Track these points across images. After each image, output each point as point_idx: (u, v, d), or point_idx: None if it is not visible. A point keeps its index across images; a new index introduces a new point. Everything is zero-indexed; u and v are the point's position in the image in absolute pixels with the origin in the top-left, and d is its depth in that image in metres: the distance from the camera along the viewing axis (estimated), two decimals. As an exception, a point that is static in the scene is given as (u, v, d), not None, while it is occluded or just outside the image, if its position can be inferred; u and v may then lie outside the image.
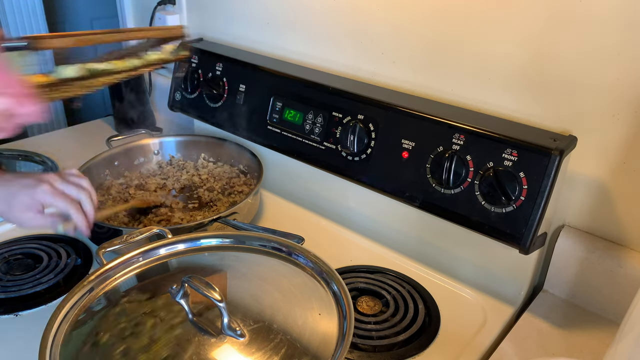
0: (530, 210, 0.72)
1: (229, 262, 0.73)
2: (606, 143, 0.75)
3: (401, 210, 0.89)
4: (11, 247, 0.92)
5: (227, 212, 0.90)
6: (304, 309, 0.64)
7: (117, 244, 0.74)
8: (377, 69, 0.96)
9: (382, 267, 0.90)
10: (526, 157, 0.72)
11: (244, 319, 0.61)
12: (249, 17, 1.14)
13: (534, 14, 0.75)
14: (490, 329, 0.78)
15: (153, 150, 1.14)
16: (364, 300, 0.81)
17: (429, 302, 0.82)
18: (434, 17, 0.86)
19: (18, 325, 0.78)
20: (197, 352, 0.57)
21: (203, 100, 1.13)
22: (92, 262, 0.90)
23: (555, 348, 0.75)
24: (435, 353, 0.74)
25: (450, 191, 0.79)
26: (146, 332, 0.62)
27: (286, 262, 0.72)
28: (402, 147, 0.84)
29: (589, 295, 0.80)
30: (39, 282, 0.84)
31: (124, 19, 1.45)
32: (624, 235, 0.78)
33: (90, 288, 0.66)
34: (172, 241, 0.74)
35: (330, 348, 0.57)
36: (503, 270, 0.83)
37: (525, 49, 0.78)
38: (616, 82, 0.71)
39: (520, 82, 0.80)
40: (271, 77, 1.02)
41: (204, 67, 1.12)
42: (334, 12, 0.99)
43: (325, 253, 0.71)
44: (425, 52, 0.89)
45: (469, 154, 0.77)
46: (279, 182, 1.10)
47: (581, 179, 0.79)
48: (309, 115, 0.96)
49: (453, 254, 0.88)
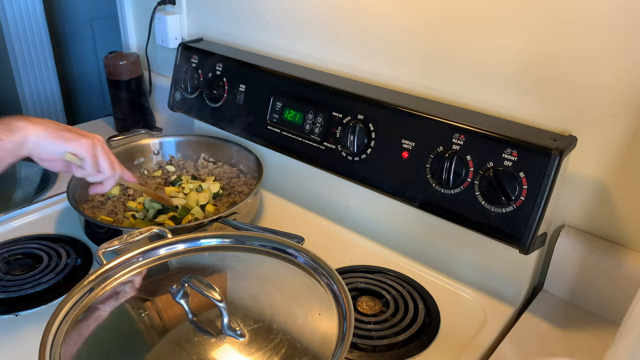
0: (530, 210, 0.72)
1: (229, 262, 0.74)
2: (606, 143, 0.75)
3: (401, 210, 0.89)
4: (11, 247, 0.92)
5: (227, 212, 0.90)
6: (304, 309, 0.64)
7: (117, 244, 0.74)
8: (377, 69, 0.96)
9: (382, 267, 0.90)
10: (526, 157, 0.72)
11: (244, 319, 0.61)
12: (249, 17, 1.14)
13: (534, 14, 0.75)
14: (490, 329, 0.78)
15: (153, 150, 1.14)
16: (364, 300, 0.81)
17: (429, 302, 0.82)
18: (434, 17, 0.86)
19: (18, 325, 0.78)
20: (197, 352, 0.57)
21: (203, 100, 1.13)
22: (92, 262, 0.90)
23: (555, 348, 0.75)
24: (435, 353, 0.74)
25: (450, 191, 0.79)
26: (146, 332, 0.62)
27: (286, 262, 0.72)
28: (402, 147, 0.84)
29: (588, 295, 0.80)
30: (39, 282, 0.84)
31: (124, 19, 1.45)
32: (624, 235, 0.78)
33: (90, 288, 0.66)
34: (172, 241, 0.74)
35: (330, 348, 0.57)
36: (503, 270, 0.83)
37: (526, 49, 0.78)
38: (616, 82, 0.71)
39: (520, 82, 0.80)
40: (271, 77, 1.02)
41: (204, 67, 1.12)
42: (334, 12, 0.99)
43: (325, 253, 0.71)
44: (426, 52, 0.89)
45: (469, 154, 0.77)
46: (279, 182, 1.10)
47: (581, 179, 0.79)
48: (309, 115, 0.96)
49: (453, 254, 0.88)
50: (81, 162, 0.80)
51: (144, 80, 1.36)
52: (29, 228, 0.98)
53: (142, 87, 1.35)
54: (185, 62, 1.16)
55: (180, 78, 1.16)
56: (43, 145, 0.74)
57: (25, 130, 0.72)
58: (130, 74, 1.31)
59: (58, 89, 2.26)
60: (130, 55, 1.32)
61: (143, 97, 1.36)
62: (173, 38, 1.30)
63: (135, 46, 1.48)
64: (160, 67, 1.44)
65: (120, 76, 1.30)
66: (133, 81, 1.32)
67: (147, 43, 1.38)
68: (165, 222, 0.93)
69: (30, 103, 2.18)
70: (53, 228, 0.99)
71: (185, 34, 1.30)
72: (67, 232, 0.97)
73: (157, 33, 1.32)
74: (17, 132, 0.71)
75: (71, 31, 2.43)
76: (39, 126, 0.74)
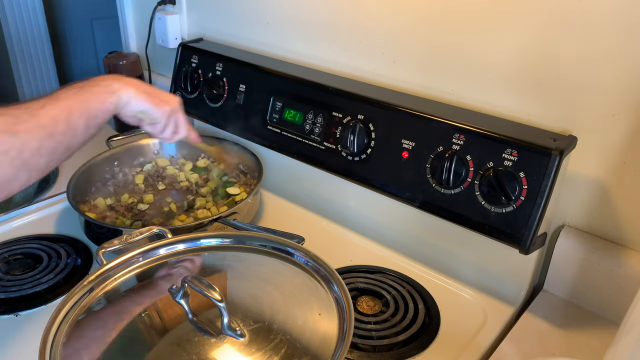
0: (530, 210, 0.72)
1: (229, 262, 0.74)
2: (606, 143, 0.75)
3: (401, 210, 0.89)
4: (11, 247, 0.92)
5: (227, 212, 0.90)
6: (304, 309, 0.64)
7: (117, 244, 0.74)
8: (377, 69, 0.96)
9: (382, 267, 0.90)
10: (526, 157, 0.72)
11: (244, 319, 0.61)
12: (249, 17, 1.14)
13: (534, 13, 0.75)
14: (490, 329, 0.78)
15: (153, 150, 1.14)
16: (364, 300, 0.81)
17: (429, 302, 0.82)
18: (434, 17, 0.86)
19: (18, 325, 0.78)
20: (197, 352, 0.57)
21: (203, 100, 1.13)
22: (92, 262, 0.90)
23: (555, 348, 0.75)
24: (435, 353, 0.74)
25: (450, 191, 0.79)
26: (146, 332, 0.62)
27: (286, 262, 0.72)
28: (402, 147, 0.84)
29: (588, 295, 0.80)
30: (39, 282, 0.84)
31: (124, 19, 1.45)
32: (624, 235, 0.78)
33: (90, 288, 0.66)
34: (172, 241, 0.74)
35: (330, 348, 0.57)
36: (503, 270, 0.83)
37: (526, 49, 0.78)
38: (616, 82, 0.71)
39: (520, 82, 0.80)
40: (271, 77, 1.02)
41: (204, 67, 1.12)
42: (334, 12, 0.99)
43: (325, 253, 0.71)
44: (426, 52, 0.89)
45: (469, 154, 0.77)
46: (279, 182, 1.10)
47: (581, 179, 0.79)
48: (309, 115, 0.96)
49: (453, 254, 0.88)
50: (154, 122, 0.83)
51: (144, 80, 1.36)
52: (29, 228, 0.98)
53: (142, 87, 1.35)
54: (185, 62, 1.16)
55: (180, 78, 1.16)
56: (130, 105, 0.77)
57: (121, 91, 0.75)
58: (130, 74, 1.31)
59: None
60: (130, 55, 1.32)
61: (143, 97, 1.36)
62: (173, 38, 1.29)
63: (135, 46, 1.47)
64: (160, 67, 1.44)
65: (120, 76, 1.30)
66: (133, 81, 1.31)
67: (147, 43, 1.38)
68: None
69: (30, 103, 2.17)
70: (53, 228, 0.99)
71: (185, 34, 1.30)
72: (67, 232, 0.97)
73: (157, 33, 1.32)
74: (116, 94, 0.74)
75: (71, 31, 2.44)
76: (130, 87, 0.77)
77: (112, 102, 0.73)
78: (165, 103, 0.82)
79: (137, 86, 0.78)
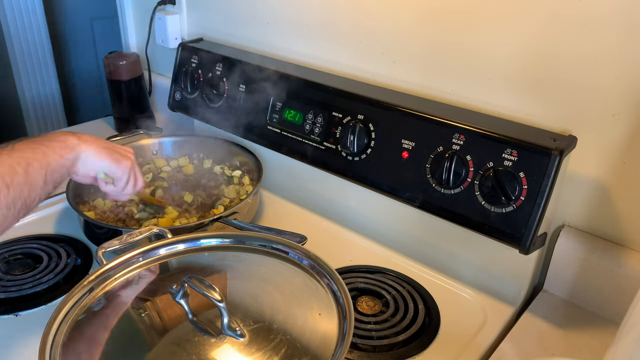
0: (530, 210, 0.72)
1: (229, 262, 0.74)
2: (606, 143, 0.75)
3: (401, 210, 0.89)
4: (11, 247, 0.92)
5: (228, 212, 0.90)
6: (304, 309, 0.64)
7: (116, 244, 0.74)
8: (377, 69, 0.96)
9: (382, 267, 0.90)
10: (526, 157, 0.72)
11: (244, 319, 0.61)
12: (249, 17, 1.14)
13: (534, 13, 0.75)
14: (490, 329, 0.78)
15: (152, 150, 1.14)
16: (364, 300, 0.81)
17: (429, 302, 0.82)
18: (434, 17, 0.86)
19: (18, 325, 0.78)
20: (197, 352, 0.57)
21: (203, 100, 1.13)
22: (92, 262, 0.90)
23: (555, 348, 0.75)
24: (435, 353, 0.74)
25: (450, 191, 0.79)
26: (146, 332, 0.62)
27: (286, 262, 0.72)
28: (402, 147, 0.84)
29: (588, 295, 0.80)
30: (39, 282, 0.84)
31: (124, 19, 1.45)
32: (624, 235, 0.78)
33: (90, 288, 0.66)
34: (172, 241, 0.74)
35: (330, 348, 0.57)
36: (503, 270, 0.83)
37: (526, 49, 0.78)
38: (616, 82, 0.71)
39: (520, 82, 0.80)
40: (271, 77, 1.02)
41: (204, 67, 1.12)
42: (334, 12, 0.99)
43: (325, 253, 0.71)
44: (426, 52, 0.89)
45: (469, 154, 0.77)
46: (279, 182, 1.10)
47: (581, 179, 0.79)
48: (309, 115, 0.96)
49: (453, 254, 0.88)
50: (112, 180, 0.80)
51: (144, 80, 1.36)
52: (28, 228, 0.98)
53: (142, 87, 1.35)
54: (185, 62, 1.16)
55: (180, 78, 1.16)
56: (90, 162, 0.74)
57: (79, 147, 0.72)
58: (130, 74, 1.31)
59: (58, 89, 2.26)
60: (130, 55, 1.32)
61: (143, 97, 1.36)
62: (173, 38, 1.29)
63: (135, 46, 1.48)
64: (160, 67, 1.44)
65: (120, 76, 1.30)
66: (133, 81, 1.31)
67: (147, 43, 1.38)
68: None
69: (30, 103, 2.18)
70: (53, 228, 0.99)
71: (185, 34, 1.30)
72: (67, 232, 0.97)
73: (157, 33, 1.32)
74: (74, 150, 0.71)
75: (71, 31, 2.43)
76: (89, 144, 0.74)
77: (70, 159, 0.70)
78: (125, 157, 0.80)
79: (96, 143, 0.75)
